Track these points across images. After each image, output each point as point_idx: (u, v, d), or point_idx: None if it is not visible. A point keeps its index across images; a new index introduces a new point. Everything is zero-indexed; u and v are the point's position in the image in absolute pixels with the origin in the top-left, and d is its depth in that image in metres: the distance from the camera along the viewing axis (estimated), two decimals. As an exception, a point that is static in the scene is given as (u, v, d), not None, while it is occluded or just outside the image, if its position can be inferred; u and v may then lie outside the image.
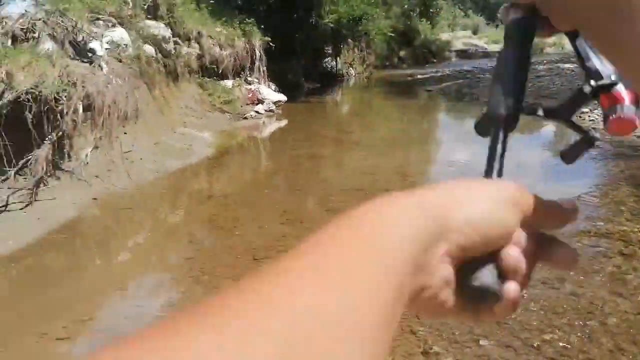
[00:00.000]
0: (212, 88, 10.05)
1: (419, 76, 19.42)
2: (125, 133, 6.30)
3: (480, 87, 14.07)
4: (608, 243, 3.92)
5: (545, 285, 3.30)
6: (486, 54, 29.94)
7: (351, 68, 19.21)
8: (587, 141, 0.50)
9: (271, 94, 11.65)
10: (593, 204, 4.85)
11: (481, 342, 2.73)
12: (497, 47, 31.91)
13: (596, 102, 0.47)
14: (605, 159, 6.77)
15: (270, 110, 11.06)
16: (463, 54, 30.29)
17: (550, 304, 3.07)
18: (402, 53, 25.45)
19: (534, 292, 3.23)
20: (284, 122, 10.65)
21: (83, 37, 6.12)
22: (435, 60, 27.40)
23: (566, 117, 0.51)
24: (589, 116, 8.91)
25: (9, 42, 5.16)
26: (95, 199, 5.38)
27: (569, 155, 0.53)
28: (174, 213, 5.51)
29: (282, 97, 11.85)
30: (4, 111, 4.55)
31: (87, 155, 5.41)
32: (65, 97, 4.98)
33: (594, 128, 0.53)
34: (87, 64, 5.85)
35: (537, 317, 2.96)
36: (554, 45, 31.30)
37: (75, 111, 5.09)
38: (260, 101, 11.08)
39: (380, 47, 20.83)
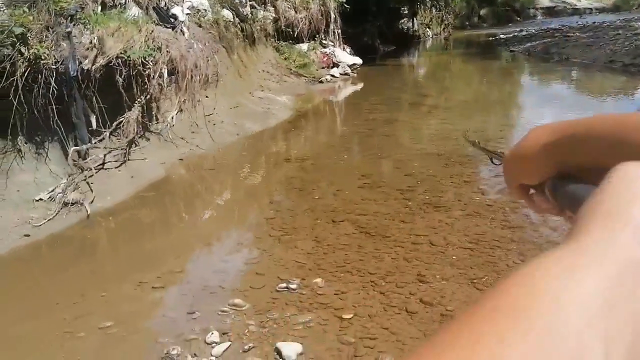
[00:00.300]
0: (288, 52, 10.07)
1: (501, 36, 18.55)
2: (206, 96, 6.46)
3: (570, 46, 13.23)
4: None
5: None
6: (576, 11, 28.10)
7: (428, 29, 18.63)
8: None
9: (346, 57, 11.52)
10: None
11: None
12: (588, 3, 29.82)
13: None
14: None
15: (346, 74, 10.96)
16: (550, 11, 28.55)
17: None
18: (482, 12, 24.33)
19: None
20: (359, 86, 10.53)
21: (165, 3, 6.26)
22: (519, 19, 26.05)
23: None
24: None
25: (99, 8, 5.36)
26: (181, 159, 5.61)
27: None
28: (253, 174, 5.63)
29: (358, 60, 11.70)
30: (97, 75, 4.76)
31: (172, 118, 5.61)
32: (152, 61, 5.14)
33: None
34: (170, 29, 6.00)
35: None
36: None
37: (161, 75, 5.25)
38: (336, 64, 11.00)
39: (459, 6, 20.05)
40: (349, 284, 3.10)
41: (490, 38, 18.50)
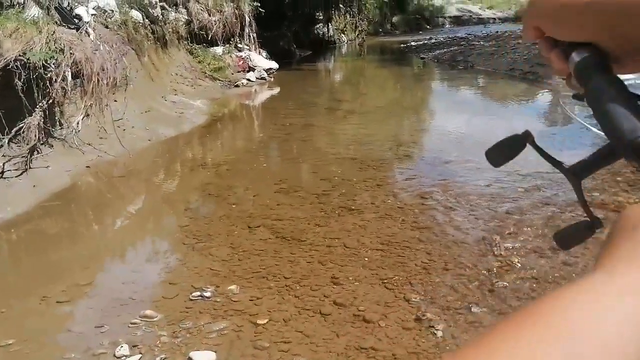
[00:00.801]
0: (202, 55, 9.91)
1: (412, 43, 19.24)
2: (115, 100, 6.22)
3: (475, 54, 13.95)
4: (603, 213, 3.94)
5: (537, 255, 3.34)
6: (481, 20, 29.65)
7: (343, 34, 18.98)
8: (589, 228, 0.44)
9: (262, 61, 11.51)
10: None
11: (473, 309, 2.77)
12: (492, 13, 31.58)
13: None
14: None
15: (262, 78, 10.94)
16: (457, 20, 29.97)
17: (543, 273, 3.11)
18: (394, 19, 25.15)
19: (527, 261, 3.26)
20: (276, 90, 10.55)
21: (68, 3, 5.98)
22: (428, 27, 27.13)
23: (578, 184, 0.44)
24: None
25: (-5, 7, 5.03)
26: (88, 166, 5.36)
27: (565, 240, 0.46)
28: (167, 181, 5.49)
29: (274, 65, 11.72)
30: (-6, 78, 4.47)
31: (78, 123, 5.35)
32: (54, 64, 4.89)
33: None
34: (74, 30, 5.73)
35: (529, 285, 3.00)
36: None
37: (64, 78, 5.01)
38: (252, 68, 10.95)
39: (372, 13, 20.58)
40: (264, 289, 3.10)
41: (402, 45, 19.13)
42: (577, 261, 3.23)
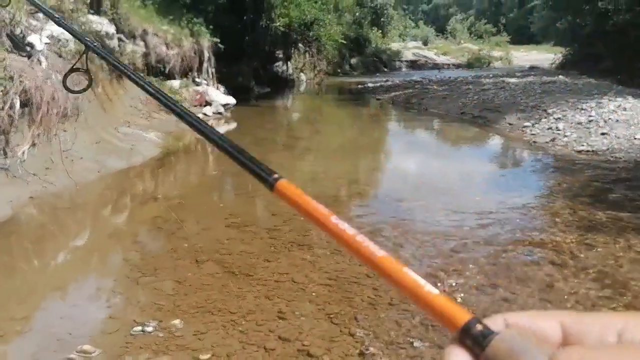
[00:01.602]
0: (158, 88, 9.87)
1: (369, 84, 19.69)
2: (65, 130, 6.09)
3: (428, 97, 14.39)
4: (541, 252, 4.09)
5: (478, 291, 3.41)
6: (436, 65, 30.69)
7: (302, 73, 19.28)
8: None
9: (220, 96, 11.54)
10: (530, 215, 5.05)
11: (415, 344, 2.80)
12: (446, 59, 32.76)
13: None
14: (546, 172, 7.08)
15: (219, 113, 10.96)
16: (413, 64, 30.95)
17: (483, 308, 3.18)
18: (353, 61, 25.76)
19: (468, 297, 3.33)
20: (232, 126, 10.57)
21: (21, 30, 5.89)
22: (385, 69, 27.89)
23: None
24: (530, 130, 9.29)
25: (-59, 32, 4.91)
26: (32, 197, 5.18)
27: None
28: (115, 214, 5.37)
29: (231, 100, 11.77)
30: None
31: (24, 153, 5.20)
32: (2, 91, 4.78)
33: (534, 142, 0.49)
34: (26, 58, 5.64)
35: (470, 319, 3.04)
36: (500, 60, 32.48)
37: (12, 106, 4.89)
38: (209, 103, 10.97)
39: (331, 54, 21.01)
40: (208, 323, 3.05)
41: (360, 86, 19.56)
42: (516, 297, 3.32)
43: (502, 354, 0.31)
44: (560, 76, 16.19)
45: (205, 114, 10.49)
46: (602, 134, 8.39)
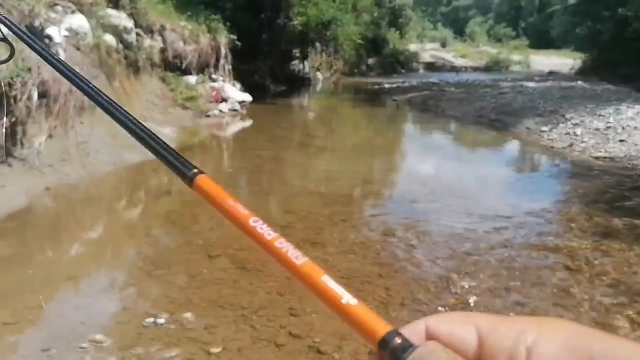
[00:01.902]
0: (175, 83, 9.90)
1: (385, 85, 19.64)
2: (82, 123, 6.14)
3: (445, 100, 14.31)
4: (556, 257, 4.04)
5: (492, 294, 3.38)
6: (453, 68, 30.53)
7: (318, 72, 19.27)
8: None
9: (236, 93, 11.57)
10: (546, 219, 4.99)
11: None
12: (464, 62, 32.58)
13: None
14: (562, 177, 7.00)
15: (235, 110, 10.98)
16: (430, 66, 30.82)
17: (495, 312, 3.14)
18: (370, 61, 25.68)
19: (481, 300, 3.29)
20: (248, 123, 10.59)
21: (40, 23, 5.94)
22: (403, 71, 27.77)
23: None
24: (548, 135, 9.19)
25: (-38, 22, 4.96)
26: (47, 188, 5.24)
27: None
28: (129, 207, 5.40)
29: (247, 97, 11.79)
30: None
31: (40, 144, 5.25)
32: (20, 82, 4.82)
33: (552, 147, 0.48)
34: (45, 50, 5.68)
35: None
36: (519, 64, 32.23)
37: (30, 97, 4.94)
38: (224, 100, 10.99)
39: (348, 54, 20.96)
40: (220, 318, 3.05)
41: (376, 86, 19.50)
42: (529, 301, 3.28)
43: None
44: (579, 81, 16.02)
45: (221, 111, 10.51)
46: (620, 140, 8.28)
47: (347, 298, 0.35)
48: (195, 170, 0.45)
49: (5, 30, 0.69)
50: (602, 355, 0.29)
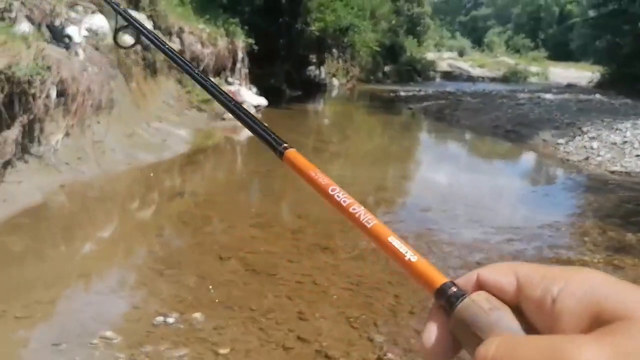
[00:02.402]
0: (191, 85, 9.96)
1: (401, 93, 19.60)
2: (98, 122, 6.20)
3: (461, 109, 14.25)
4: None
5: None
6: (470, 78, 30.38)
7: (334, 79, 19.28)
8: None
9: (251, 96, 11.62)
10: (559, 232, 4.94)
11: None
12: (481, 72, 32.45)
13: None
14: (577, 191, 6.93)
15: (250, 113, 11.02)
16: (447, 75, 30.69)
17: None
18: (386, 68, 25.66)
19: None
20: (262, 126, 10.60)
21: (61, 22, 6.02)
22: (419, 79, 27.69)
23: None
24: (564, 147, 9.11)
25: (-15, 20, 5.06)
26: (62, 186, 5.29)
27: None
28: (142, 207, 5.44)
29: (263, 101, 11.83)
30: (-25, 89, 4.45)
31: (57, 142, 5.31)
32: (39, 80, 4.89)
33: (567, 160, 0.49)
34: (64, 49, 5.76)
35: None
36: (537, 75, 32.01)
37: (48, 96, 5.00)
38: (240, 103, 11.04)
39: (365, 60, 20.97)
40: (229, 319, 3.06)
41: (392, 94, 19.48)
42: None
43: (465, 316, 0.35)
44: (597, 95, 15.87)
45: (236, 114, 10.55)
46: (637, 155, 8.18)
47: (409, 255, 0.39)
48: (286, 145, 0.53)
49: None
50: (611, 305, 0.30)
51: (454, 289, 0.36)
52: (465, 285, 0.37)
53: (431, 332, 0.36)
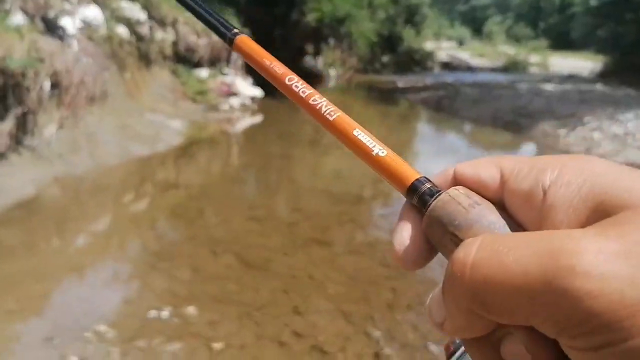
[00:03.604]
0: (186, 77, 9.88)
1: (400, 84, 19.51)
2: (92, 114, 6.15)
3: (460, 100, 14.18)
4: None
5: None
6: (470, 68, 30.26)
7: (332, 69, 19.18)
8: None
9: (247, 88, 11.52)
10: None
11: (430, 347, 2.74)
12: (481, 62, 32.34)
13: None
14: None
15: (245, 105, 10.95)
16: (446, 66, 30.54)
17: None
18: (384, 59, 25.49)
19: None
20: (258, 118, 10.55)
21: (55, 14, 5.95)
22: (418, 69, 27.55)
23: None
24: (565, 138, 9.06)
25: (-22, 11, 4.99)
26: (55, 178, 5.25)
27: None
28: (136, 199, 5.39)
29: (259, 93, 11.74)
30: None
31: (51, 134, 5.26)
32: (33, 72, 4.83)
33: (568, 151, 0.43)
34: (58, 41, 5.69)
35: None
36: (537, 65, 31.89)
37: (42, 88, 4.94)
38: (235, 94, 10.96)
39: (362, 51, 20.82)
40: (223, 314, 3.03)
41: (390, 85, 19.39)
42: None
43: (441, 214, 0.30)
44: (598, 85, 15.80)
45: (231, 105, 10.49)
46: (639, 147, 8.13)
47: (377, 150, 0.37)
48: (236, 30, 0.47)
49: None
50: (616, 193, 0.25)
51: (428, 185, 0.33)
52: (441, 183, 0.33)
53: (403, 236, 0.32)
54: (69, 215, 4.82)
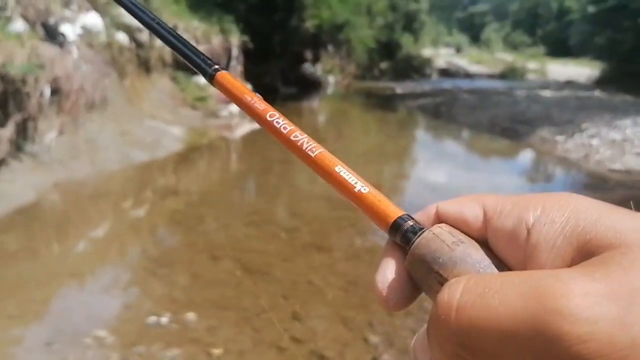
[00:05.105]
0: (185, 83, 9.90)
1: (398, 90, 19.57)
2: (92, 120, 6.17)
3: (458, 106, 14.23)
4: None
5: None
6: (468, 75, 30.33)
7: (330, 76, 19.21)
8: None
9: (247, 94, 11.54)
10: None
11: (431, 354, 2.74)
12: (479, 69, 32.43)
13: None
14: (576, 189, 6.91)
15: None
16: (444, 72, 30.61)
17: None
18: (382, 65, 25.56)
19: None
20: (257, 125, 10.55)
21: (55, 20, 5.98)
22: (416, 76, 27.61)
23: None
24: (563, 145, 9.10)
25: (-21, 18, 5.02)
26: (56, 184, 5.26)
27: None
28: (136, 205, 5.40)
29: (259, 99, 11.76)
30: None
31: (51, 140, 5.28)
32: (33, 78, 4.85)
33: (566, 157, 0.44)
34: (58, 48, 5.72)
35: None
36: (535, 72, 31.98)
37: (42, 94, 4.96)
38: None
39: (361, 57, 20.88)
40: (222, 319, 3.04)
41: (388, 91, 19.44)
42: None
43: (424, 252, 0.30)
44: (596, 91, 15.86)
45: (230, 112, 10.51)
46: (637, 153, 8.16)
47: (359, 187, 0.36)
48: (217, 67, 0.47)
49: None
50: (601, 232, 0.25)
51: (411, 222, 0.33)
52: (424, 221, 0.33)
53: (386, 275, 0.32)
54: (69, 221, 4.83)
